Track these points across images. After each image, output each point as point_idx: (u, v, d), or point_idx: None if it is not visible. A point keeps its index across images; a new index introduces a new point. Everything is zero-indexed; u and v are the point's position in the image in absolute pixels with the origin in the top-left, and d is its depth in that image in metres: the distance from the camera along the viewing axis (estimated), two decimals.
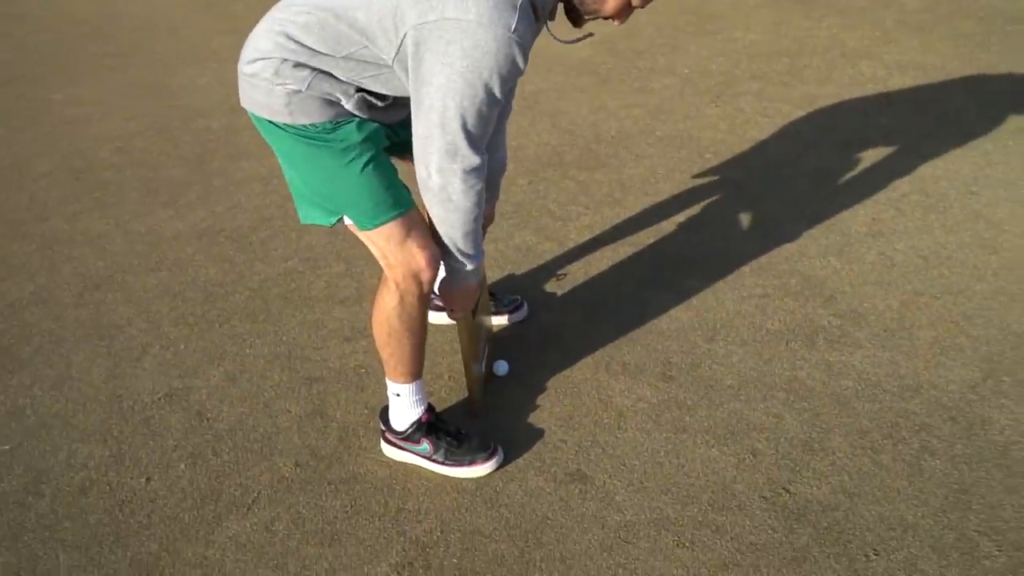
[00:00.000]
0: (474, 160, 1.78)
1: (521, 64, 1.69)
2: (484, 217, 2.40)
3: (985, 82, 4.14)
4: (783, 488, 2.06)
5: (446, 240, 1.94)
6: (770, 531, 1.96)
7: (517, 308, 2.73)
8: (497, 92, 1.70)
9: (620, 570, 1.89)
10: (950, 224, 3.05)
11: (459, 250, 1.95)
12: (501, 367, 2.48)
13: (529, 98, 4.37)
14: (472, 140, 1.76)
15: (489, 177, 2.33)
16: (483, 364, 2.42)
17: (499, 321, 2.70)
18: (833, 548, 1.90)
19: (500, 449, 2.20)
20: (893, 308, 2.65)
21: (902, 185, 3.30)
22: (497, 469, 2.17)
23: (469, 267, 2.00)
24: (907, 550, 1.89)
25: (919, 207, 3.16)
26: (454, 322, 2.22)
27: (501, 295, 2.75)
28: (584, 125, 4.03)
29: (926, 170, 3.39)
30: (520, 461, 2.20)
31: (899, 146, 3.58)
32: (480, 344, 2.39)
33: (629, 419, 2.31)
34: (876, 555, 1.88)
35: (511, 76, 1.71)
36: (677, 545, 1.94)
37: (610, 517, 2.02)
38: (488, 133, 1.80)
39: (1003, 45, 4.54)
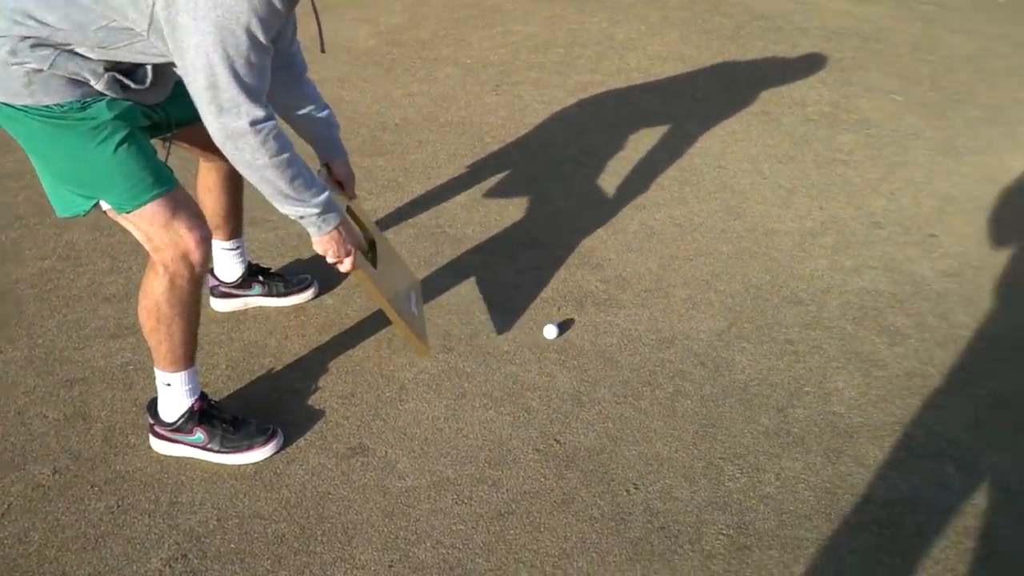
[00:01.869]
0: (257, 112, 1.73)
1: (279, 3, 1.66)
2: (344, 177, 2.35)
3: (733, 70, 4.57)
4: (554, 439, 2.19)
5: (277, 197, 1.88)
6: (542, 479, 2.07)
7: (307, 287, 2.71)
8: (260, 36, 1.66)
9: (402, 532, 1.94)
10: (702, 195, 3.34)
11: (292, 199, 1.89)
12: (550, 331, 2.52)
13: None
14: (249, 92, 1.70)
15: (323, 136, 2.28)
16: (413, 306, 2.40)
17: (289, 301, 2.66)
18: (598, 487, 2.05)
19: (279, 432, 2.17)
20: (652, 271, 2.87)
21: (661, 162, 3.58)
22: (277, 452, 2.15)
23: (315, 211, 1.94)
24: (663, 481, 2.06)
25: (675, 181, 3.44)
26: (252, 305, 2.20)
27: (290, 276, 2.72)
28: (368, 113, 4.04)
29: (681, 148, 3.70)
30: (301, 442, 2.19)
31: (658, 127, 3.88)
32: (399, 289, 2.38)
33: (410, 391, 2.35)
34: (636, 489, 2.04)
35: (271, 17, 1.66)
36: (456, 502, 2.01)
37: (392, 484, 2.06)
38: (264, 83, 1.74)
39: (749, 38, 5.03)
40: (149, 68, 1.86)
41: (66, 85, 1.75)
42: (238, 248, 2.56)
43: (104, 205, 1.88)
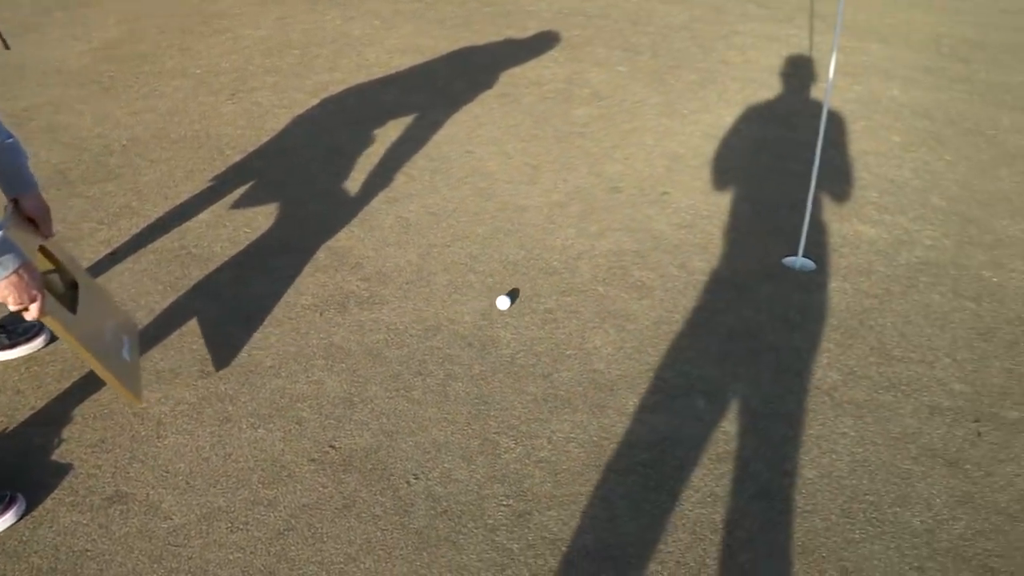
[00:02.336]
0: None
1: None
2: (36, 212, 2.12)
3: (469, 56, 4.67)
4: (329, 446, 2.14)
5: None
6: (320, 488, 2.01)
7: (35, 335, 2.44)
8: None
9: (173, 574, 1.81)
10: (452, 181, 3.40)
11: None
12: (503, 302, 2.56)
13: (21, 116, 3.90)
14: None
15: (8, 167, 2.06)
16: (125, 353, 2.15)
17: (16, 353, 2.39)
18: (379, 485, 2.02)
19: (19, 497, 1.95)
20: (412, 262, 2.88)
21: (409, 153, 3.59)
22: (20, 519, 1.93)
23: None
24: (442, 466, 2.08)
25: (426, 171, 3.47)
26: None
27: (13, 325, 2.44)
28: (89, 137, 3.72)
29: (428, 137, 3.73)
30: (48, 502, 1.98)
31: (404, 119, 3.89)
32: (106, 335, 2.13)
33: (169, 425, 2.20)
34: (416, 479, 2.04)
35: None
36: (231, 530, 1.90)
37: (157, 527, 1.92)
38: None
39: (482, 25, 5.16)
40: None
41: None
42: None
43: None
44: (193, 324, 2.56)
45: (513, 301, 2.62)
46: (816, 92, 4.32)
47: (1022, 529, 1.95)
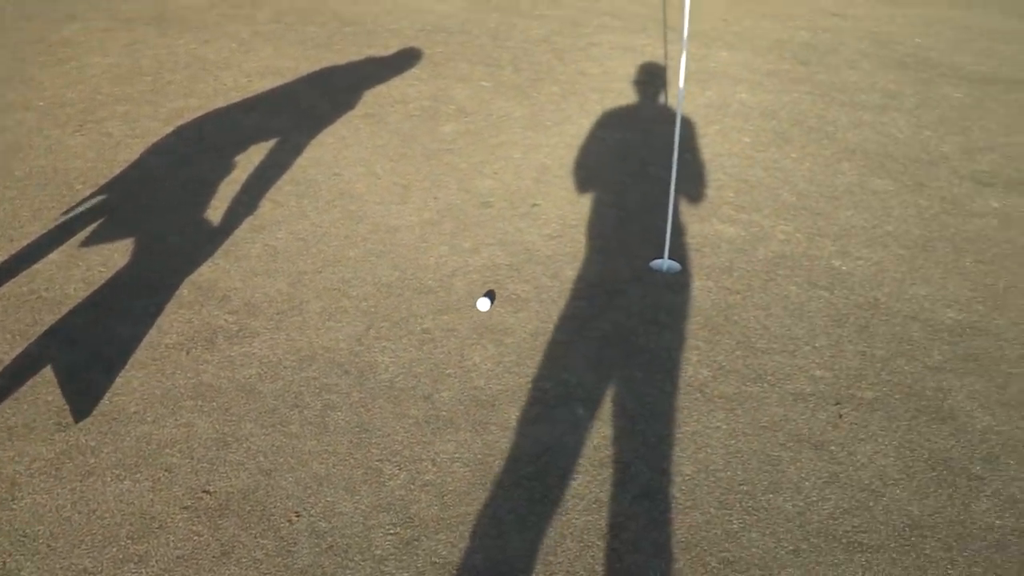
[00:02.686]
0: None
1: None
2: None
3: (332, 76, 4.61)
4: (203, 491, 2.05)
5: None
6: (196, 537, 1.93)
7: None
8: None
9: None
10: (321, 205, 3.33)
11: None
12: (483, 304, 2.58)
13: None
14: None
15: None
16: None
17: None
18: (259, 527, 1.95)
19: None
20: (283, 292, 2.80)
21: (274, 178, 3.51)
22: None
23: None
24: (324, 500, 2.03)
25: (293, 195, 3.39)
26: None
27: None
28: None
29: (294, 161, 3.65)
30: None
31: (266, 144, 3.79)
32: None
33: (24, 485, 2.05)
34: (298, 516, 1.98)
35: None
36: None
37: None
38: None
39: (343, 44, 5.10)
40: None
41: None
42: None
43: None
44: (48, 373, 2.41)
45: (492, 301, 2.60)
46: (671, 99, 4.49)
47: (884, 503, 2.08)
